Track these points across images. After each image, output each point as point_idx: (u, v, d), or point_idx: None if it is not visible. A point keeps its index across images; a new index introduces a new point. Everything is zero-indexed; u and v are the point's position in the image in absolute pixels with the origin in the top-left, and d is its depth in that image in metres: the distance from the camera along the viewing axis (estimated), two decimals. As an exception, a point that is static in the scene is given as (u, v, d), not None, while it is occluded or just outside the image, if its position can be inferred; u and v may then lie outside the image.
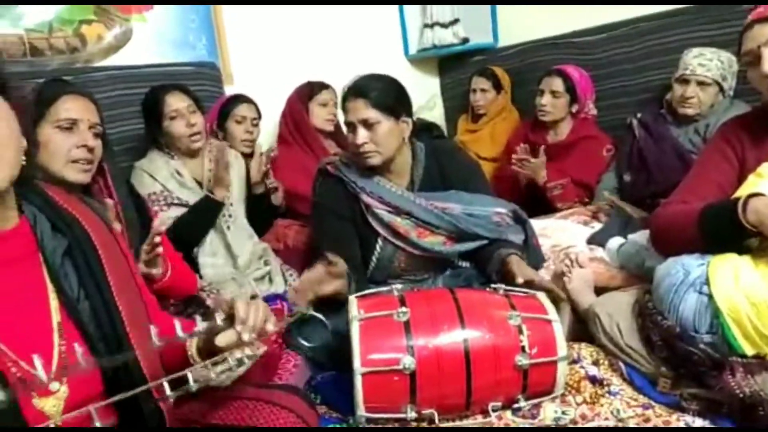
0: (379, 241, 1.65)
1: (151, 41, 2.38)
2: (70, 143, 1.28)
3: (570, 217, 2.13)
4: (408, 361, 1.18)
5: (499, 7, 3.04)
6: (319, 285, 1.44)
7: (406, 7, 3.14)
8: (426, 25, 3.11)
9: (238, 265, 1.93)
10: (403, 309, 1.24)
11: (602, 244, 1.82)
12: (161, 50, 2.41)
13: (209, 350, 0.91)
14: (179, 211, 1.84)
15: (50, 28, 2.15)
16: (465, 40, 3.10)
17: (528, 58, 2.88)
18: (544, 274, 1.68)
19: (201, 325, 0.89)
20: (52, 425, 0.74)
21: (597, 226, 2.04)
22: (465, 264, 1.72)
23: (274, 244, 2.16)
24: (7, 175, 0.75)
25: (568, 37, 2.73)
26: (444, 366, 1.19)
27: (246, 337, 0.86)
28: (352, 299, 1.31)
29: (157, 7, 2.37)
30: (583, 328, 1.50)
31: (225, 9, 2.56)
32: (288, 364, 1.54)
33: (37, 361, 0.70)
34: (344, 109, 1.62)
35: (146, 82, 2.20)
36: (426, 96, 3.30)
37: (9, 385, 0.71)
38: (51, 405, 0.78)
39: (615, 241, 1.77)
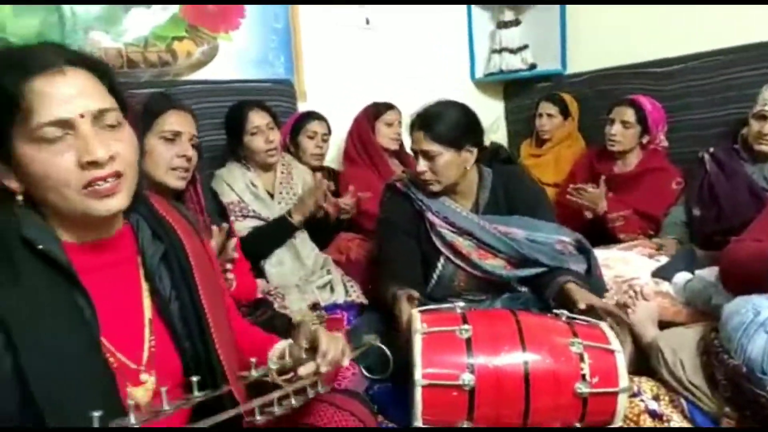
0: (441, 260, 1.69)
1: (234, 58, 2.53)
2: (172, 153, 1.41)
3: (633, 249, 2.11)
4: (468, 378, 1.20)
5: (569, 34, 3.05)
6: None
7: (476, 32, 3.20)
8: (494, 51, 3.16)
9: (303, 273, 2.02)
10: (466, 326, 1.27)
11: (668, 278, 1.79)
12: (243, 67, 2.55)
13: (285, 370, 0.97)
14: (253, 223, 1.96)
15: (146, 43, 2.34)
16: (533, 66, 3.13)
17: (597, 86, 2.87)
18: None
19: (283, 345, 0.97)
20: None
21: (662, 259, 2.01)
22: (523, 289, 1.74)
23: (336, 255, 2.24)
24: (126, 200, 0.83)
25: (640, 66, 2.71)
26: (503, 386, 1.21)
27: (324, 369, 0.93)
28: (416, 313, 1.35)
29: (242, 27, 2.53)
30: (643, 361, 1.48)
31: (304, 30, 2.69)
32: (347, 372, 1.60)
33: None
34: (410, 136, 1.68)
35: (228, 96, 2.35)
36: (490, 119, 3.33)
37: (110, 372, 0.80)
38: (141, 394, 0.85)
39: (681, 276, 1.74)
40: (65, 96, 0.75)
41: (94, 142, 0.76)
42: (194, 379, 0.80)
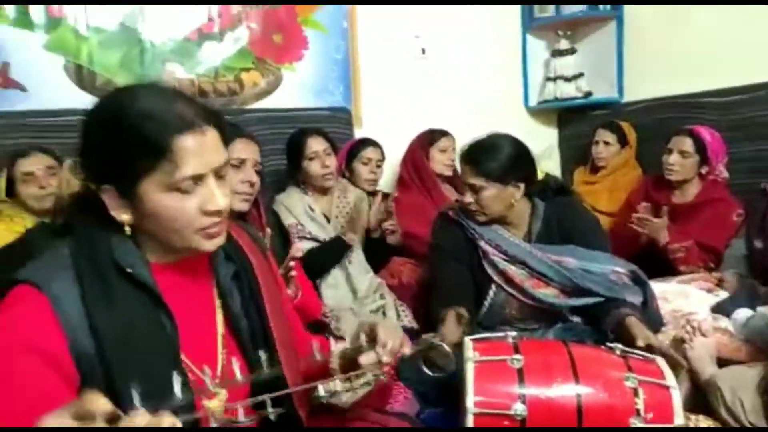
0: (493, 288, 1.71)
1: (296, 87, 2.66)
2: (237, 179, 1.51)
3: (692, 283, 2.06)
4: (520, 408, 1.22)
5: (627, 63, 3.03)
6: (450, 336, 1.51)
7: (530, 60, 3.23)
8: (549, 79, 3.17)
9: (357, 297, 2.08)
10: (518, 356, 1.28)
11: (728, 314, 1.75)
12: (304, 95, 2.68)
13: (347, 368, 1.02)
14: (310, 245, 2.04)
15: (216, 74, 2.50)
16: (588, 94, 3.12)
17: (655, 114, 2.84)
18: (662, 339, 1.65)
19: (342, 345, 1.01)
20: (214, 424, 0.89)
21: (721, 294, 1.95)
22: (577, 319, 1.74)
23: (389, 279, 2.29)
24: (225, 237, 0.91)
25: (699, 96, 2.66)
26: (555, 418, 1.21)
27: (385, 358, 0.96)
28: (467, 341, 1.38)
29: (305, 58, 2.66)
30: (700, 399, 1.45)
31: (362, 61, 2.80)
32: (399, 395, 1.64)
33: (207, 371, 0.85)
34: (459, 167, 1.72)
35: (289, 124, 2.48)
36: (543, 146, 3.33)
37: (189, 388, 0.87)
38: (215, 406, 0.90)
39: (742, 313, 1.69)
40: (204, 153, 0.83)
41: (219, 193, 0.85)
42: (267, 399, 0.84)
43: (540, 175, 1.75)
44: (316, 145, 2.09)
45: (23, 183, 1.91)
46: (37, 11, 2.19)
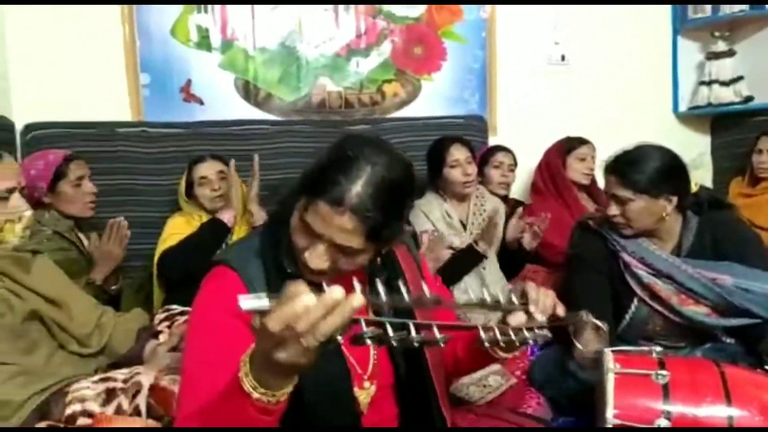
0: (635, 301, 1.66)
1: (434, 97, 2.77)
2: None
3: None
4: (664, 424, 1.19)
5: (796, 64, 2.75)
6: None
7: (681, 64, 3.04)
8: (702, 83, 2.96)
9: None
10: (663, 372, 1.25)
11: None
12: (440, 104, 2.78)
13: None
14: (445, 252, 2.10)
15: (361, 86, 2.68)
16: (748, 99, 2.87)
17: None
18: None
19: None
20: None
21: None
22: (728, 340, 1.63)
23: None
24: None
25: None
26: (703, 438, 1.18)
27: (539, 316, 0.96)
28: (608, 352, 1.37)
29: (443, 69, 2.76)
30: None
31: (500, 69, 2.84)
32: (531, 401, 1.66)
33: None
34: (604, 177, 1.67)
35: (426, 131, 2.59)
36: (693, 154, 3.12)
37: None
38: (363, 396, 1.03)
39: None
40: (326, 224, 0.87)
41: (316, 255, 0.90)
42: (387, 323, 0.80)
43: (693, 187, 1.66)
44: (458, 153, 2.16)
45: (199, 186, 2.17)
46: (215, 35, 2.52)
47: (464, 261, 2.13)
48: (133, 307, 1.74)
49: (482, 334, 0.87)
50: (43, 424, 1.17)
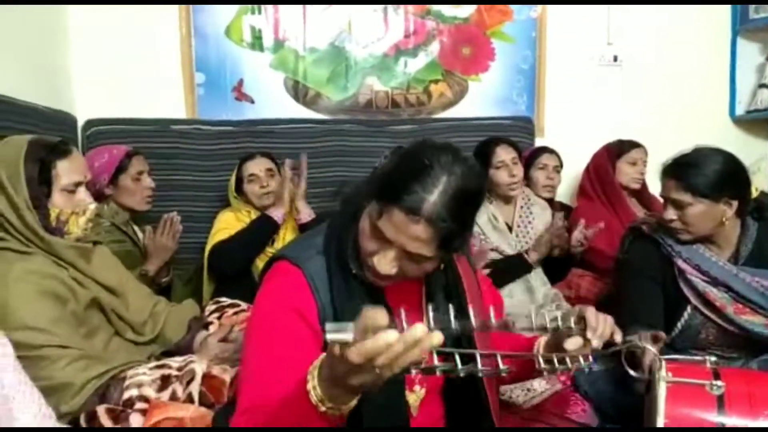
0: (688, 309, 1.61)
1: (481, 97, 2.76)
2: None
3: None
4: (717, 436, 1.16)
5: None
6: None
7: (740, 66, 2.93)
8: (762, 85, 2.85)
9: (533, 306, 2.08)
10: (718, 383, 1.22)
11: None
12: (487, 105, 2.77)
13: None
14: (493, 256, 2.09)
15: (407, 86, 2.69)
16: (810, 102, 2.74)
17: None
18: None
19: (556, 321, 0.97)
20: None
21: None
22: (788, 352, 1.57)
23: (566, 291, 2.26)
24: None
25: None
26: (760, 453, 1.13)
27: (596, 343, 0.97)
28: (661, 361, 1.33)
29: (491, 69, 2.75)
30: None
31: (549, 70, 2.80)
32: (576, 407, 1.63)
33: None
34: (660, 181, 1.63)
35: (471, 132, 2.58)
36: (751, 159, 2.99)
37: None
38: (413, 399, 1.04)
39: None
40: (399, 233, 0.89)
41: (385, 261, 0.92)
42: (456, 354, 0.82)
43: (754, 193, 1.61)
44: (504, 153, 2.14)
45: (249, 182, 2.23)
46: (267, 36, 2.58)
47: (512, 268, 2.10)
48: (182, 299, 1.79)
49: (541, 363, 0.90)
50: (101, 408, 1.22)
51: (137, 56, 2.53)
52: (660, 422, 1.21)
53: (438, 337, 0.64)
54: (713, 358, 1.34)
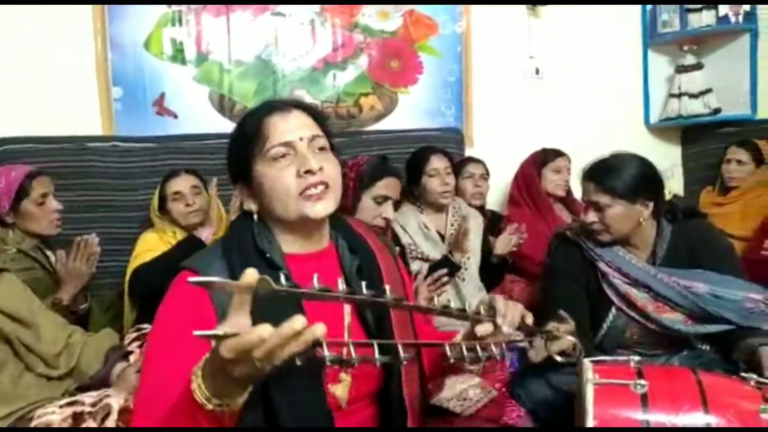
0: (612, 310, 1.66)
1: (411, 109, 2.78)
2: (377, 213, 1.73)
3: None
4: (643, 434, 1.19)
5: (761, 78, 2.83)
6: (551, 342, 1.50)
7: (651, 77, 3.11)
8: (672, 95, 3.03)
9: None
10: (641, 381, 1.25)
11: None
12: (417, 117, 2.80)
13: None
14: (418, 265, 2.09)
15: (338, 99, 2.68)
16: (716, 111, 2.95)
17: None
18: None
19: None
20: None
21: None
22: (704, 346, 1.65)
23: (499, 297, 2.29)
24: (332, 207, 1.00)
25: None
26: (682, 447, 1.17)
27: (506, 329, 0.98)
28: (587, 362, 1.36)
29: (420, 82, 2.78)
30: None
31: (475, 82, 2.87)
32: (512, 413, 1.65)
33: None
34: (581, 185, 1.69)
35: (402, 143, 2.59)
36: (664, 165, 3.17)
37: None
38: (339, 391, 1.00)
39: None
40: (290, 126, 0.99)
41: (309, 157, 0.97)
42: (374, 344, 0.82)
43: (667, 196, 1.69)
44: (438, 162, 2.16)
45: (173, 201, 2.12)
46: (189, 48, 2.50)
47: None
48: (101, 327, 1.69)
49: (448, 350, 0.88)
50: (6, 451, 1.12)
51: (50, 71, 2.40)
52: (590, 423, 1.24)
53: (321, 329, 0.64)
54: (637, 358, 1.38)
